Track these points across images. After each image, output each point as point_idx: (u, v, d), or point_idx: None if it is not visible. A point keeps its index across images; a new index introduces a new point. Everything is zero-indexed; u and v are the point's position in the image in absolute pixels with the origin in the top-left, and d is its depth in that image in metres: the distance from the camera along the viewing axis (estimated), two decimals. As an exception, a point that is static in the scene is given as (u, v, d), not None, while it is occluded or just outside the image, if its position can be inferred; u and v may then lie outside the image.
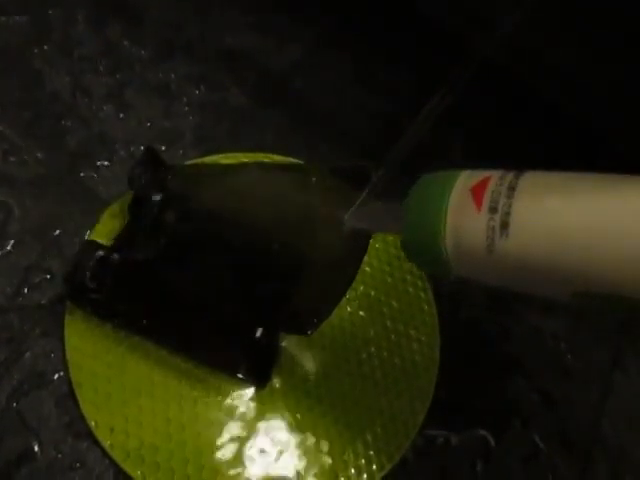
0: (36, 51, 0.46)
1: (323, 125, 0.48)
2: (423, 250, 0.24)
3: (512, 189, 0.21)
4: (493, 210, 0.21)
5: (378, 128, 0.49)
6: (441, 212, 0.22)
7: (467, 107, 0.49)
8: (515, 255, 0.21)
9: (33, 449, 0.32)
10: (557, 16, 0.43)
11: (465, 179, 0.23)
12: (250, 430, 0.35)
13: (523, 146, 0.50)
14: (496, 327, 0.42)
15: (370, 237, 0.33)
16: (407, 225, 0.24)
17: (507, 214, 0.20)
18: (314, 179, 0.34)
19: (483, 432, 0.38)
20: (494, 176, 0.22)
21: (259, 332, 0.35)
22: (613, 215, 0.19)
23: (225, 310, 0.36)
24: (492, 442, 0.38)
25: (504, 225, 0.20)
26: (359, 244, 0.32)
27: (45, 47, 0.47)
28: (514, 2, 0.24)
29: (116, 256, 0.36)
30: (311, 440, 0.35)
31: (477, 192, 0.22)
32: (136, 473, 0.32)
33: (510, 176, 0.21)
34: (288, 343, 0.37)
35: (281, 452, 0.34)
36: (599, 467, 0.38)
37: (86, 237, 0.39)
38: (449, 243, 0.22)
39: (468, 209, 0.22)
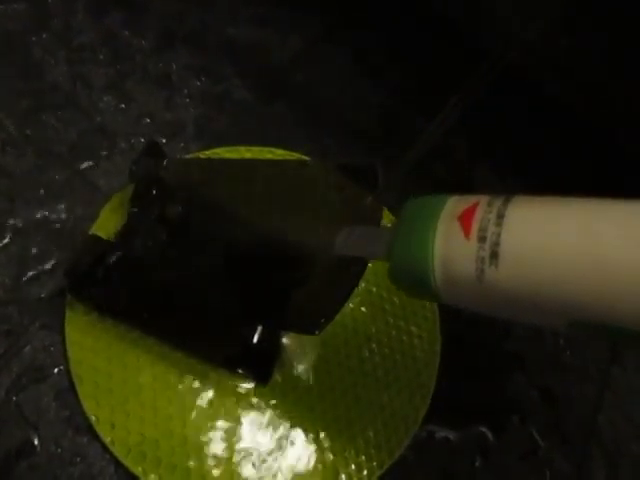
0: (35, 40, 0.46)
1: (325, 118, 0.48)
2: (411, 279, 0.23)
3: (501, 217, 0.20)
4: (482, 239, 0.20)
5: (381, 121, 0.48)
6: (429, 241, 0.22)
7: (472, 106, 0.49)
8: (506, 285, 0.20)
9: (33, 443, 0.32)
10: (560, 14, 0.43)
11: (453, 206, 0.22)
12: (251, 426, 0.34)
13: (529, 146, 0.50)
14: (496, 324, 0.42)
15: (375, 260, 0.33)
16: (394, 254, 0.24)
17: (496, 244, 0.20)
18: (321, 176, 0.33)
19: (482, 428, 0.38)
20: (482, 202, 0.21)
21: (261, 329, 0.35)
22: (604, 243, 0.18)
23: (227, 306, 0.36)
24: (491, 438, 0.38)
25: (494, 255, 0.20)
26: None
27: (44, 36, 0.46)
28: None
29: (117, 250, 0.35)
30: (312, 436, 0.35)
31: (465, 220, 0.21)
32: (137, 469, 0.32)
33: (498, 203, 0.21)
34: (289, 340, 0.37)
35: (282, 448, 0.34)
36: (597, 462, 0.39)
37: (86, 230, 0.38)
38: (438, 273, 0.22)
39: (456, 238, 0.21)
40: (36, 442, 0.32)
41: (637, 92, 0.44)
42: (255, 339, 0.35)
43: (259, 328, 0.35)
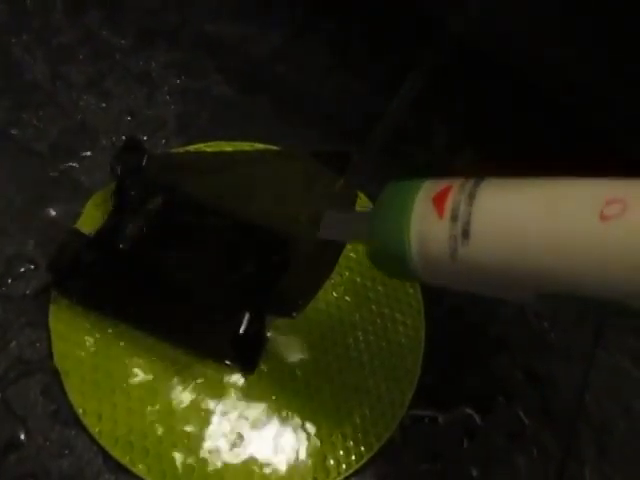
0: (14, 40, 0.46)
1: (307, 111, 0.48)
2: (390, 260, 0.24)
3: (472, 197, 0.21)
4: (454, 219, 0.21)
5: (363, 113, 0.49)
6: (405, 222, 0.23)
7: (449, 92, 0.50)
8: (478, 262, 0.21)
9: (21, 437, 0.32)
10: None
11: (428, 188, 0.23)
12: (238, 415, 0.35)
13: (508, 129, 0.50)
14: (480, 308, 0.43)
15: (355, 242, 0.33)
16: (373, 235, 0.25)
17: (467, 222, 0.21)
18: (296, 164, 0.34)
19: (469, 410, 0.38)
20: (455, 184, 0.22)
21: (245, 318, 0.36)
22: (567, 217, 0.19)
23: (211, 296, 0.36)
24: (478, 420, 0.38)
25: (465, 233, 0.21)
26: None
27: (24, 36, 0.46)
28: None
29: (100, 244, 0.36)
30: (299, 423, 0.35)
31: (439, 201, 0.22)
32: (125, 459, 0.32)
33: (470, 184, 0.22)
34: (275, 328, 0.37)
35: (270, 436, 0.35)
36: (583, 440, 0.39)
37: (69, 226, 0.39)
38: (415, 253, 0.23)
39: (431, 218, 0.22)
40: (24, 436, 0.32)
41: (617, 77, 0.44)
42: (241, 329, 0.36)
43: (245, 317, 0.35)
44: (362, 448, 0.35)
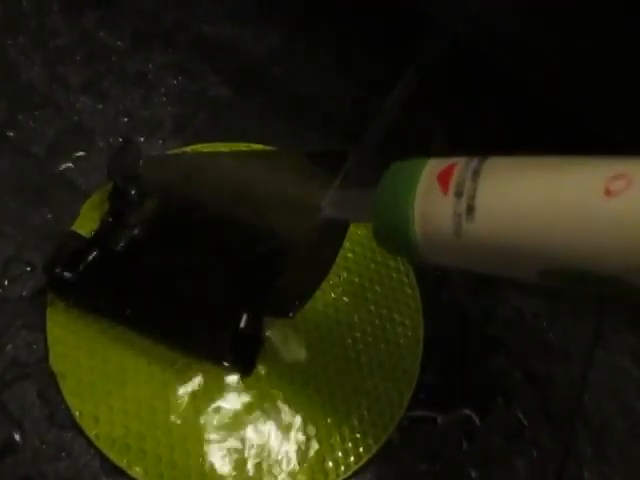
0: (10, 42, 0.46)
1: (305, 112, 0.48)
2: (393, 236, 0.24)
3: (477, 173, 0.21)
4: (459, 195, 0.21)
5: (361, 114, 0.49)
6: (409, 198, 0.23)
7: (447, 91, 0.50)
8: (482, 237, 0.21)
9: (17, 440, 0.32)
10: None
11: (432, 166, 0.23)
12: (235, 417, 0.35)
13: (506, 130, 0.50)
14: (478, 309, 0.43)
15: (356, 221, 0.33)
16: (377, 212, 0.25)
17: (472, 198, 0.21)
18: (292, 164, 0.34)
19: (468, 411, 0.38)
20: (460, 162, 0.22)
21: (243, 319, 0.35)
22: (572, 192, 0.19)
23: (208, 298, 0.36)
24: (477, 421, 0.38)
25: (470, 209, 0.21)
26: (338, 227, 0.32)
27: (20, 38, 0.46)
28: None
29: (96, 246, 0.35)
30: (297, 425, 0.35)
31: (443, 178, 0.22)
32: (122, 461, 0.32)
33: (475, 161, 0.22)
34: (272, 329, 0.37)
35: (267, 438, 0.34)
36: (582, 440, 0.39)
37: (66, 228, 0.38)
38: (418, 228, 0.23)
39: (435, 195, 0.22)
40: (20, 439, 0.32)
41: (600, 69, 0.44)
42: (239, 330, 0.35)
43: (242, 318, 0.35)
44: (361, 449, 0.35)
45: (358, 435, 0.35)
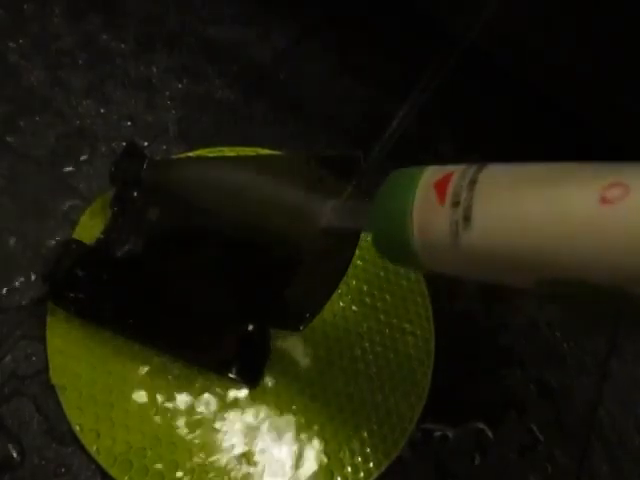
0: (12, 45, 0.45)
1: (310, 116, 0.47)
2: (393, 245, 0.24)
3: (473, 183, 0.21)
4: (455, 204, 0.21)
5: (365, 117, 0.48)
6: (407, 208, 0.23)
7: (456, 97, 0.49)
8: (479, 247, 0.21)
9: (15, 456, 0.31)
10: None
11: (430, 175, 0.23)
12: (242, 430, 0.33)
13: (512, 136, 0.49)
14: (491, 318, 0.41)
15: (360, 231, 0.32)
16: (376, 221, 0.25)
17: (469, 207, 0.21)
18: (300, 170, 0.33)
19: (480, 425, 0.37)
20: (457, 171, 0.22)
21: (250, 330, 0.34)
22: (567, 200, 0.19)
23: (214, 308, 0.35)
24: (490, 434, 0.37)
25: (466, 218, 0.21)
26: (350, 237, 0.31)
27: (21, 41, 0.45)
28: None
29: (97, 254, 0.34)
30: (305, 439, 0.34)
31: (440, 187, 0.22)
32: (123, 478, 0.31)
33: (472, 170, 0.22)
34: (280, 340, 0.36)
35: (275, 452, 0.33)
36: (597, 454, 0.38)
37: (67, 235, 0.37)
38: (416, 238, 0.23)
39: (432, 204, 0.22)
40: (19, 455, 0.31)
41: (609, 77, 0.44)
42: (244, 341, 0.34)
43: (248, 330, 0.34)
44: (371, 465, 0.34)
45: (368, 450, 0.34)
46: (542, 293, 0.21)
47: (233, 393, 0.34)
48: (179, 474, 0.31)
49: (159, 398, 0.33)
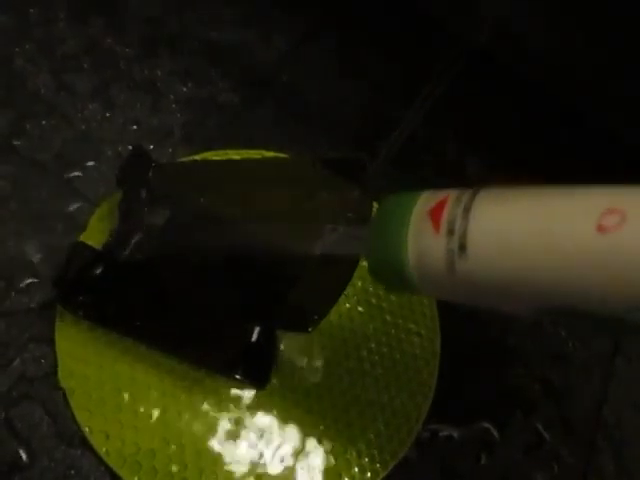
0: (17, 50, 0.45)
1: (313, 118, 0.47)
2: (389, 274, 0.24)
3: (467, 210, 0.21)
4: (450, 232, 0.21)
5: (368, 119, 0.48)
6: (402, 236, 0.23)
7: (461, 102, 0.49)
8: (475, 275, 0.21)
9: (25, 458, 0.31)
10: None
11: (424, 201, 0.23)
12: (250, 431, 0.34)
13: (513, 136, 0.49)
14: (496, 318, 0.42)
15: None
16: (372, 250, 0.24)
17: (464, 235, 0.21)
18: (307, 173, 0.33)
19: (486, 424, 0.37)
20: (451, 197, 0.22)
21: (257, 332, 0.35)
22: (563, 229, 0.19)
23: (221, 310, 0.35)
24: (495, 434, 0.37)
25: (462, 247, 0.21)
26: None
27: (26, 46, 0.45)
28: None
29: (105, 257, 0.35)
30: (312, 440, 0.34)
31: (435, 215, 0.22)
32: (133, 479, 0.31)
33: (466, 197, 0.22)
34: (286, 342, 0.36)
35: (283, 453, 0.33)
36: (603, 454, 0.38)
37: (75, 239, 0.38)
38: (412, 267, 0.23)
39: (427, 233, 0.22)
40: (28, 457, 0.31)
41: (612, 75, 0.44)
42: (251, 343, 0.35)
43: (255, 331, 0.34)
44: (378, 465, 0.34)
45: (375, 450, 0.34)
46: (542, 318, 0.21)
47: (240, 394, 0.35)
48: (188, 474, 0.32)
49: (167, 400, 0.34)
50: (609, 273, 0.18)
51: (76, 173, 0.41)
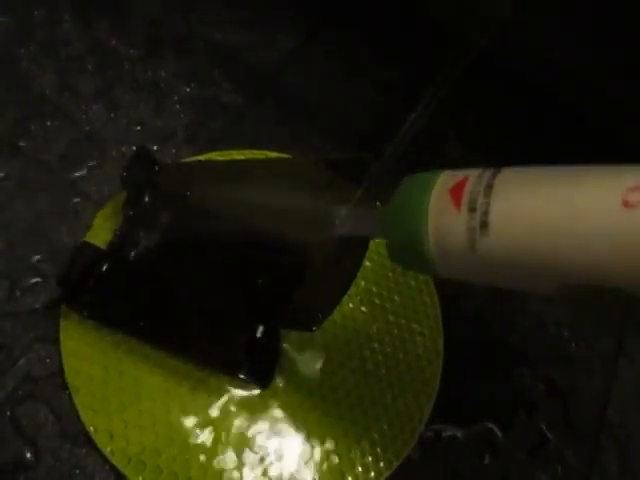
0: (22, 51, 0.45)
1: (316, 119, 0.47)
2: (408, 252, 0.24)
3: (490, 187, 0.21)
4: (472, 210, 0.21)
5: (371, 119, 0.48)
6: (422, 214, 0.22)
7: (465, 102, 0.49)
8: (497, 253, 0.21)
9: (30, 457, 0.31)
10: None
11: (444, 180, 0.23)
12: (254, 431, 0.34)
13: (520, 138, 0.49)
14: (499, 317, 0.42)
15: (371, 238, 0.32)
16: (390, 228, 0.24)
17: (486, 213, 0.20)
18: (310, 173, 0.33)
19: (489, 424, 0.37)
20: (472, 176, 0.22)
21: (260, 331, 0.35)
22: (588, 204, 0.19)
23: (225, 309, 0.35)
24: (499, 434, 0.37)
25: (484, 224, 0.20)
26: (360, 238, 0.32)
27: (31, 47, 0.46)
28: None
29: (110, 257, 0.35)
30: (316, 439, 0.34)
31: (456, 193, 0.22)
32: (137, 478, 0.31)
33: (487, 175, 0.21)
34: (290, 341, 0.36)
35: (287, 453, 0.33)
36: (607, 454, 0.38)
37: (79, 239, 0.38)
38: (432, 244, 0.22)
39: (448, 210, 0.22)
40: (34, 456, 0.31)
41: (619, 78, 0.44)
42: (255, 342, 0.35)
43: (259, 330, 0.35)
44: (381, 465, 0.34)
45: (378, 450, 0.34)
46: (563, 298, 0.21)
47: (244, 394, 0.35)
48: (192, 473, 0.32)
49: (171, 399, 0.34)
50: (635, 249, 0.17)
51: (80, 173, 0.41)
